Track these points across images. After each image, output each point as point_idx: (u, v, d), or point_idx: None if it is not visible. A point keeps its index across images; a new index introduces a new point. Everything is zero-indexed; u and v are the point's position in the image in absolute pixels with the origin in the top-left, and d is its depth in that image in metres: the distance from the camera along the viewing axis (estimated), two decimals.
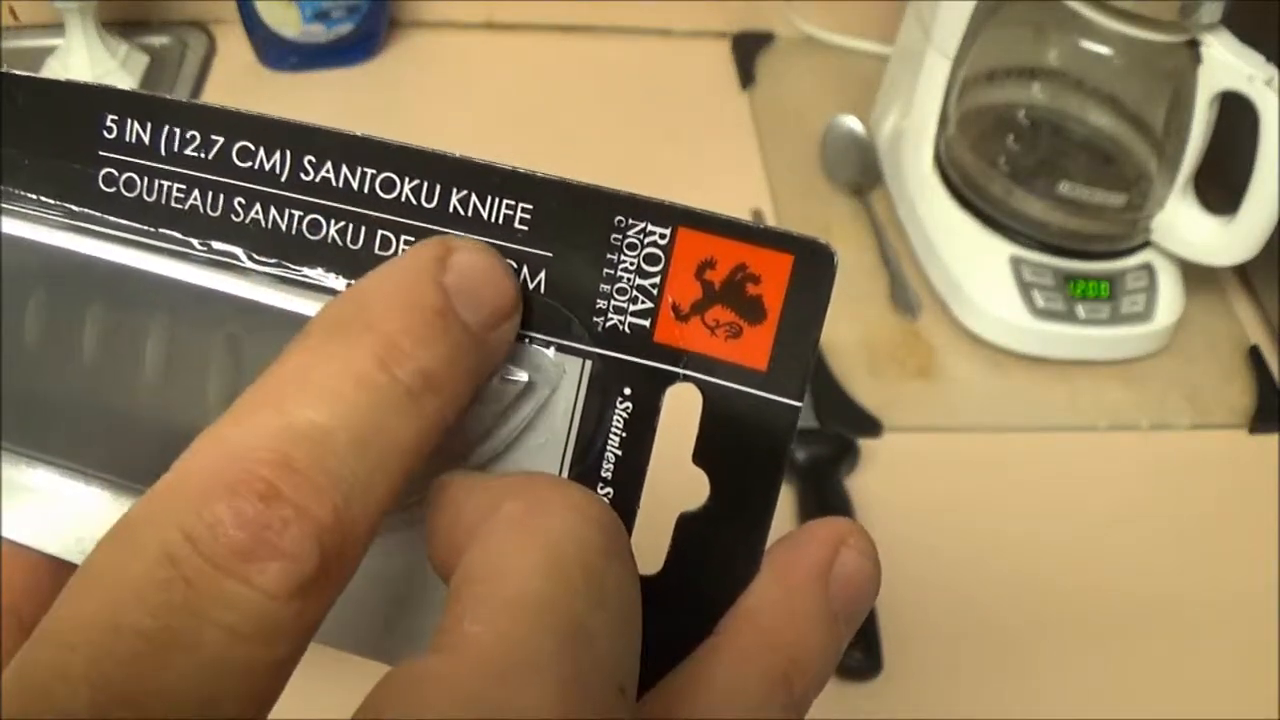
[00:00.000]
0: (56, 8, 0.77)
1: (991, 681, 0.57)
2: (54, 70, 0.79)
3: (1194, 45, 0.64)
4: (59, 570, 0.20)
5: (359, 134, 0.19)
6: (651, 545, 0.18)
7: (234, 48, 0.86)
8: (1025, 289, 0.70)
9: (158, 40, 0.86)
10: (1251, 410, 0.71)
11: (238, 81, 0.85)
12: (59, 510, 0.20)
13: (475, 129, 0.83)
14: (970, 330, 0.71)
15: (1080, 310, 0.70)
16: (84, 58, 0.79)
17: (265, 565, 0.14)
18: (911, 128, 0.76)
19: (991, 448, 0.67)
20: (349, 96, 0.85)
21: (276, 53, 0.85)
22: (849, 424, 0.66)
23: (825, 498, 0.62)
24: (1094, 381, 0.71)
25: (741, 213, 0.75)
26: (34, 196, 0.20)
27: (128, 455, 0.20)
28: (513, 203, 0.18)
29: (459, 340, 0.17)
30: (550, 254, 0.18)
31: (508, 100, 0.86)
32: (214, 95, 0.84)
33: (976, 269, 0.71)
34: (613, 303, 0.18)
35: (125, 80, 0.80)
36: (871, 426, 0.66)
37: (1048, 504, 0.65)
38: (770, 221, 0.77)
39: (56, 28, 0.80)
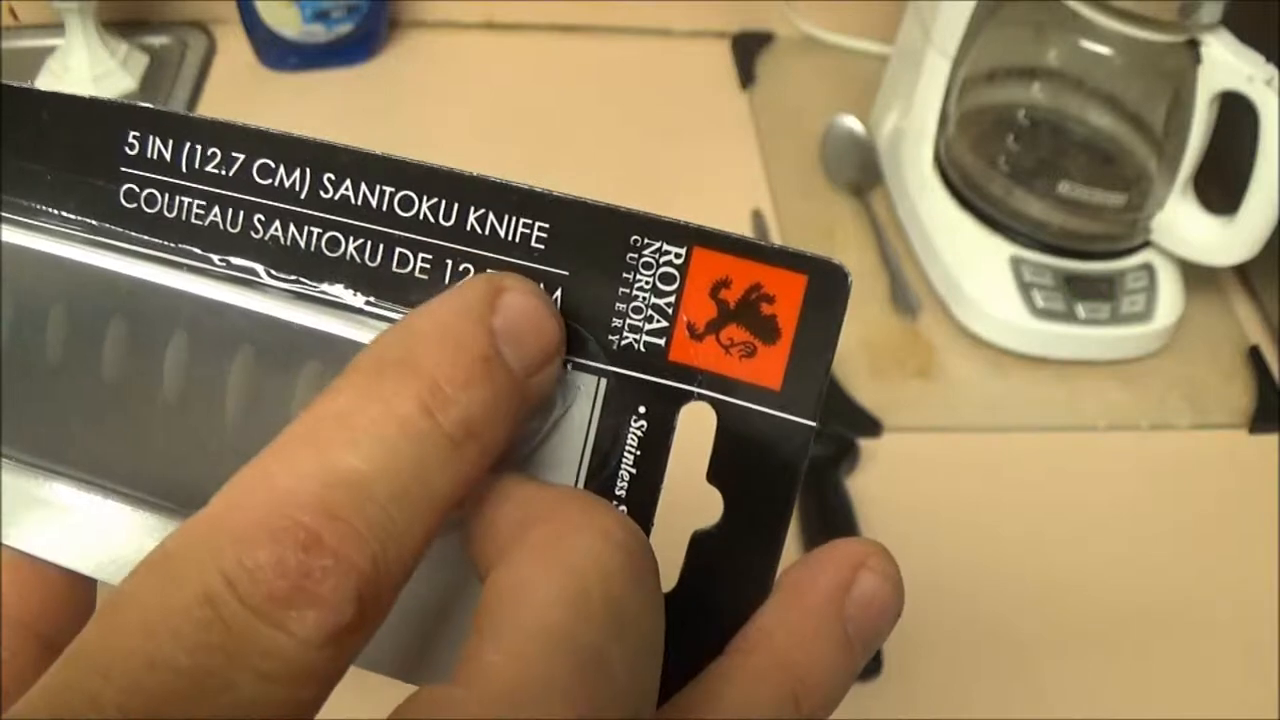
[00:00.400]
0: (56, 8, 0.77)
1: (992, 681, 0.58)
2: (54, 70, 0.79)
3: (1194, 45, 0.65)
4: (75, 586, 0.20)
5: (378, 152, 0.19)
6: (665, 563, 0.18)
7: (234, 48, 0.86)
8: (1025, 289, 0.70)
9: (158, 40, 0.86)
10: (1251, 410, 0.71)
11: (238, 81, 0.85)
12: (78, 525, 0.20)
13: (475, 129, 0.83)
14: (970, 330, 0.72)
15: (1080, 310, 0.70)
16: (84, 58, 0.79)
17: (304, 614, 0.14)
18: (911, 128, 0.76)
19: (991, 448, 0.68)
20: (349, 96, 0.85)
21: (276, 53, 0.85)
22: (849, 424, 0.66)
23: (825, 498, 0.62)
24: (1094, 381, 0.71)
25: (742, 213, 0.76)
26: (56, 211, 0.20)
27: (147, 470, 0.20)
28: (529, 221, 0.18)
29: (502, 385, 0.17)
30: (566, 273, 0.18)
31: (508, 100, 0.86)
32: (214, 95, 0.84)
33: (976, 269, 0.72)
34: (628, 321, 0.18)
35: (125, 80, 0.80)
36: (871, 426, 0.66)
37: (1047, 504, 0.65)
38: (770, 222, 0.77)
39: (56, 28, 0.80)
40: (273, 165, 0.19)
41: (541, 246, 0.18)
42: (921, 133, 0.75)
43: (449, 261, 0.19)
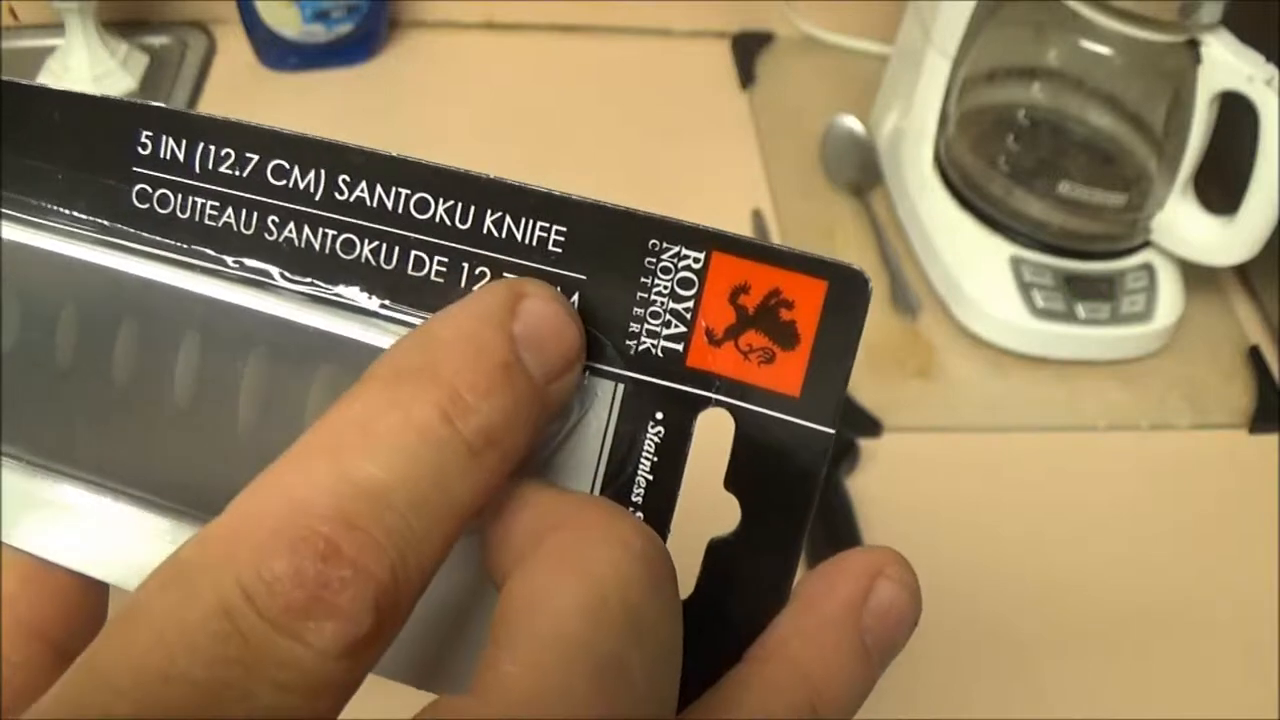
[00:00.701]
0: (56, 8, 0.77)
1: (991, 681, 0.58)
2: (54, 70, 0.79)
3: (1194, 45, 0.65)
4: (87, 591, 0.20)
5: (394, 154, 0.19)
6: (682, 570, 0.18)
7: (234, 48, 0.86)
8: (1025, 289, 0.70)
9: (158, 40, 0.86)
10: (1251, 410, 0.71)
11: (238, 82, 0.85)
12: (88, 528, 0.20)
13: (475, 129, 0.83)
14: (970, 330, 0.72)
15: (1080, 310, 0.70)
16: (84, 58, 0.79)
17: (321, 625, 0.14)
18: (911, 128, 0.76)
19: (991, 448, 0.68)
20: (349, 96, 0.85)
21: (276, 53, 0.85)
22: (849, 424, 0.66)
23: (825, 498, 0.62)
24: (1094, 381, 0.71)
25: (742, 213, 0.76)
26: (67, 211, 0.20)
27: (158, 472, 0.20)
28: (547, 225, 0.18)
29: (522, 393, 0.17)
30: (584, 276, 0.18)
31: (508, 100, 0.86)
32: (214, 95, 0.83)
33: (976, 269, 0.72)
34: (646, 326, 0.18)
35: (125, 80, 0.80)
36: (871, 426, 0.66)
37: (1047, 504, 0.65)
38: (770, 222, 0.77)
39: (56, 28, 0.80)
40: (287, 166, 0.19)
41: (559, 250, 0.18)
42: (921, 133, 0.75)
43: (465, 265, 0.19)
